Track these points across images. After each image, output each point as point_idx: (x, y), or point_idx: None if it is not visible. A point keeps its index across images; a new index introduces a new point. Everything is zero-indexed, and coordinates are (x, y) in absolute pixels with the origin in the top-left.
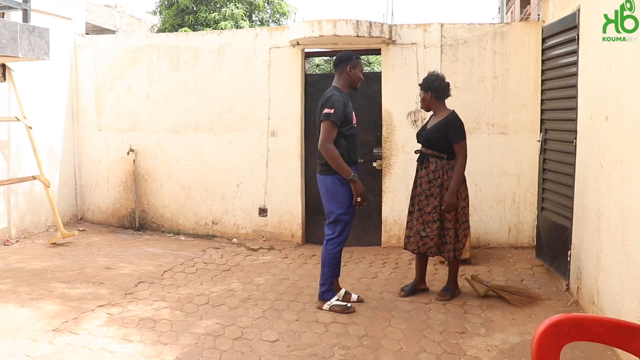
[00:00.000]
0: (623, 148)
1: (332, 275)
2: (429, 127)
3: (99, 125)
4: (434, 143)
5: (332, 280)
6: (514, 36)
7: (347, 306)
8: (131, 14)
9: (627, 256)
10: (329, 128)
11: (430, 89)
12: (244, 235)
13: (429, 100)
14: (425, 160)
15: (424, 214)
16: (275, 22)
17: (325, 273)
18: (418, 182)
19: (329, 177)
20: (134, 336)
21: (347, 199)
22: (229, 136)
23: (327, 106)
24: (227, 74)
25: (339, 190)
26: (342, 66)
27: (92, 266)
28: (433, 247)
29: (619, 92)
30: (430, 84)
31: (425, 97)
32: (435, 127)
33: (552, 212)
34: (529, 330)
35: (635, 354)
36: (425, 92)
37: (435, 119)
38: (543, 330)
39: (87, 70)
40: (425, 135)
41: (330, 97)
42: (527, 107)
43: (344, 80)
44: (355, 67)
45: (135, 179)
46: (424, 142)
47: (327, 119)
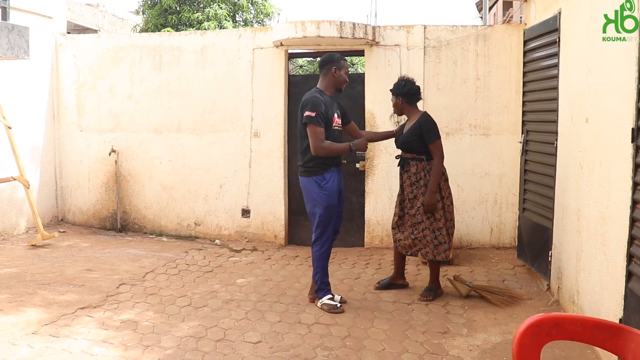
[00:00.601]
0: (602, 150)
1: (322, 274)
2: (405, 131)
3: (81, 126)
4: (411, 146)
5: (323, 279)
6: (497, 38)
7: (336, 306)
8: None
9: (607, 256)
10: (316, 130)
11: (401, 94)
12: (227, 236)
13: (400, 105)
14: (406, 164)
15: (411, 216)
16: (259, 22)
17: (315, 272)
18: (403, 185)
19: (307, 179)
20: (115, 339)
21: (324, 199)
22: (212, 137)
23: (307, 109)
24: (210, 75)
25: (315, 191)
26: (327, 67)
27: (72, 268)
28: (422, 248)
29: (599, 95)
30: (401, 89)
31: (397, 102)
32: (410, 130)
33: (534, 212)
34: (510, 330)
35: (614, 352)
36: (396, 97)
37: (409, 122)
38: (524, 329)
39: (69, 69)
40: (402, 139)
41: (309, 100)
42: (509, 109)
43: (328, 81)
44: (340, 68)
45: (117, 180)
46: (401, 147)
47: (309, 122)
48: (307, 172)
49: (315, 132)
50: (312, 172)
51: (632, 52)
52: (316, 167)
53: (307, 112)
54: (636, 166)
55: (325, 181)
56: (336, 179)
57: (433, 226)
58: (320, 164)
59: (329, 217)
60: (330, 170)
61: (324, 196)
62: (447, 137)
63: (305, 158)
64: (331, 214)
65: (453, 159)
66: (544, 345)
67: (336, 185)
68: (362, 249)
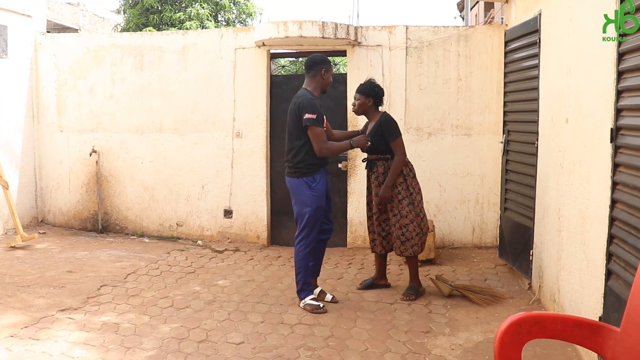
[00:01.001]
0: (582, 150)
1: (304, 275)
2: (368, 133)
3: (61, 126)
4: (375, 147)
5: (306, 280)
6: (478, 39)
7: (319, 306)
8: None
9: (587, 255)
10: (318, 132)
11: (373, 96)
12: (209, 237)
13: (368, 106)
14: (373, 165)
15: (392, 215)
16: (241, 22)
17: (297, 273)
18: (371, 187)
19: (296, 180)
20: (96, 341)
21: (314, 201)
22: (194, 137)
23: (307, 111)
24: (192, 75)
25: (305, 192)
26: (316, 69)
27: (53, 270)
28: (400, 245)
29: (578, 96)
30: (377, 91)
31: (365, 102)
32: (372, 131)
33: (515, 212)
34: (492, 329)
35: (593, 349)
36: (366, 98)
37: (371, 123)
38: (505, 328)
39: (48, 69)
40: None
41: (308, 102)
42: (491, 109)
43: (317, 83)
44: (328, 71)
45: (98, 181)
46: (367, 149)
47: (312, 124)
48: (296, 173)
49: (317, 133)
50: (303, 173)
51: (610, 54)
52: (307, 169)
53: (308, 115)
54: (615, 166)
55: (315, 182)
56: (324, 179)
57: (400, 223)
58: (310, 165)
59: (317, 217)
60: (320, 171)
61: (314, 197)
62: (429, 137)
63: (296, 159)
64: (319, 214)
65: (435, 159)
66: (525, 344)
67: (324, 187)
68: (344, 249)
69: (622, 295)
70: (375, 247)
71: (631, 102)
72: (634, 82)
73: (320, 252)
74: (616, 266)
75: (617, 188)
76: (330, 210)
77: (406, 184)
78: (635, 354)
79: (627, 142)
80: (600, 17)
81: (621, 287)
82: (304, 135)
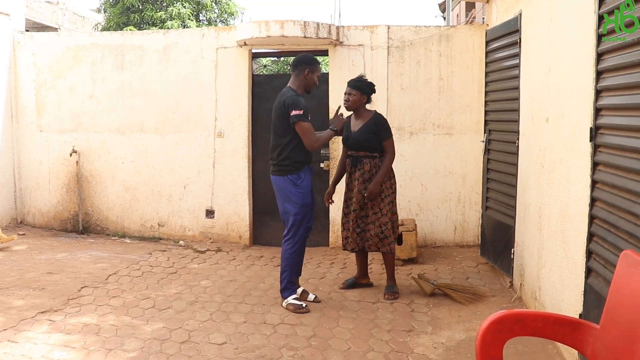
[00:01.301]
0: (562, 149)
1: (290, 273)
2: (357, 130)
3: (40, 126)
4: (366, 144)
5: (290, 279)
6: (459, 39)
7: (302, 306)
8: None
9: (567, 253)
10: (307, 127)
11: (368, 93)
12: (191, 237)
13: (360, 102)
14: (359, 162)
15: (373, 213)
16: (223, 22)
17: (282, 271)
18: (353, 183)
19: (281, 178)
20: (77, 343)
21: (300, 198)
22: (175, 137)
23: (293, 108)
24: (174, 74)
25: (291, 190)
26: (300, 68)
27: (32, 271)
28: (368, 241)
29: (558, 95)
30: (372, 88)
31: (360, 98)
32: (364, 128)
33: (496, 211)
34: (474, 327)
35: (574, 346)
36: (361, 94)
37: (359, 121)
38: (486, 326)
39: (27, 68)
40: (356, 138)
41: (292, 99)
42: (472, 108)
43: (299, 82)
44: (313, 71)
45: (79, 181)
46: (354, 145)
47: (299, 120)
48: (281, 171)
49: (306, 128)
50: (288, 170)
51: (590, 53)
52: (292, 166)
53: (295, 111)
54: (595, 165)
55: (300, 180)
56: (309, 176)
57: (380, 220)
58: (295, 162)
59: (303, 215)
60: (304, 169)
61: (300, 194)
62: (410, 137)
63: (281, 156)
64: (305, 212)
65: (417, 158)
66: (507, 341)
67: (310, 183)
68: (327, 249)
69: (601, 293)
70: (347, 244)
71: (610, 101)
72: (612, 82)
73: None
74: (596, 264)
75: (596, 187)
76: (313, 209)
77: (390, 183)
78: (614, 350)
79: (606, 141)
80: (580, 17)
81: (601, 285)
82: (289, 132)
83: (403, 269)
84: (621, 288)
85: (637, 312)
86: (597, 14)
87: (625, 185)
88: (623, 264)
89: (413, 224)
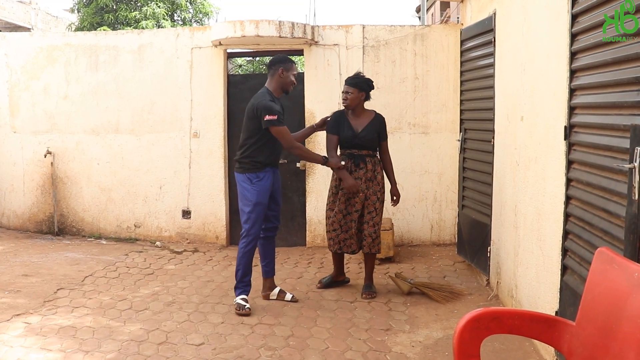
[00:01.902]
0: (537, 147)
1: (244, 272)
2: (364, 129)
3: (14, 127)
4: (370, 143)
5: (242, 278)
6: (434, 38)
7: (244, 307)
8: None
9: (543, 250)
10: (282, 130)
11: (367, 90)
12: (168, 238)
13: (359, 100)
14: (362, 161)
15: (367, 212)
16: (197, 22)
17: (238, 270)
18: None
19: (240, 175)
20: (53, 345)
21: (254, 196)
22: (151, 137)
23: (266, 113)
24: (148, 74)
25: (247, 187)
26: (274, 68)
27: (7, 274)
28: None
29: (533, 94)
30: (370, 85)
31: (358, 96)
32: (370, 127)
33: (472, 209)
34: (451, 325)
35: (550, 343)
36: (360, 91)
37: (361, 120)
38: (464, 324)
39: (0, 69)
40: (365, 136)
41: (264, 105)
42: (447, 107)
43: (275, 82)
44: (287, 70)
45: (54, 182)
46: (361, 144)
47: (273, 125)
48: (241, 168)
49: (281, 131)
50: (246, 169)
51: (563, 52)
52: (251, 165)
53: (269, 117)
54: (569, 163)
55: (258, 179)
56: (270, 178)
57: (374, 220)
58: (255, 162)
59: (257, 214)
60: (265, 170)
61: (255, 192)
62: None
63: (244, 154)
64: (260, 211)
65: (393, 157)
66: (484, 339)
67: (269, 184)
68: (304, 248)
69: (577, 290)
70: (346, 246)
71: (584, 100)
72: (586, 81)
73: (271, 250)
74: (571, 261)
75: (571, 185)
76: (277, 211)
77: (384, 182)
78: (589, 347)
79: (581, 139)
80: (553, 17)
81: (576, 282)
82: (256, 134)
83: (380, 268)
84: (596, 285)
85: (611, 309)
86: (570, 13)
87: (600, 182)
88: (598, 261)
89: (390, 223)
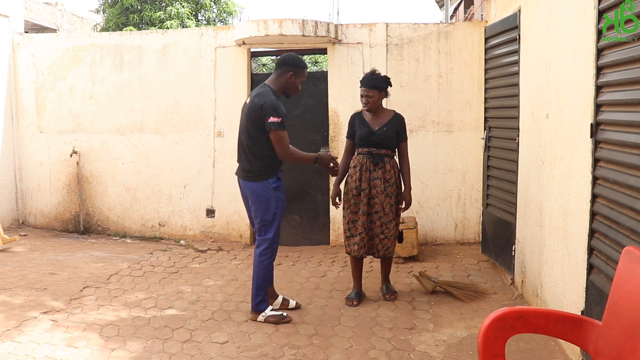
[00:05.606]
0: (563, 145)
1: (265, 285)
2: (382, 127)
3: (40, 127)
4: (389, 142)
5: (267, 290)
6: (458, 36)
7: (283, 315)
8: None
9: (568, 249)
10: (283, 136)
11: (386, 87)
12: (192, 236)
13: (379, 100)
14: (381, 160)
15: (384, 215)
16: (221, 21)
17: (259, 285)
18: (372, 183)
19: (259, 184)
20: (79, 342)
21: (280, 201)
22: (175, 137)
23: (273, 114)
24: (173, 74)
25: (272, 195)
26: (283, 69)
27: (34, 272)
28: (390, 246)
29: (558, 91)
30: (388, 82)
31: (379, 97)
32: (389, 126)
33: (497, 208)
34: (476, 324)
35: (576, 343)
36: (379, 92)
37: (379, 118)
38: (488, 323)
39: (27, 70)
40: (384, 134)
41: (272, 104)
42: (472, 106)
43: (280, 83)
44: (297, 75)
45: (79, 182)
46: (379, 143)
47: (276, 128)
48: (255, 176)
49: (282, 137)
50: (267, 174)
51: (590, 49)
52: (269, 169)
53: (273, 118)
54: (595, 161)
55: (278, 180)
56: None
57: (391, 223)
58: (272, 164)
59: (280, 219)
60: (280, 168)
61: (279, 196)
62: (410, 134)
63: (261, 163)
64: (281, 217)
65: (417, 155)
66: (509, 339)
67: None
68: (327, 247)
69: (603, 289)
70: (356, 250)
71: (610, 97)
72: (613, 78)
73: None
74: (598, 260)
75: (597, 183)
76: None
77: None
78: (616, 347)
79: (607, 137)
80: (579, 13)
81: (603, 281)
82: (264, 137)
83: (404, 266)
84: (623, 284)
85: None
86: (596, 9)
87: (627, 181)
88: (625, 260)
89: (414, 222)
